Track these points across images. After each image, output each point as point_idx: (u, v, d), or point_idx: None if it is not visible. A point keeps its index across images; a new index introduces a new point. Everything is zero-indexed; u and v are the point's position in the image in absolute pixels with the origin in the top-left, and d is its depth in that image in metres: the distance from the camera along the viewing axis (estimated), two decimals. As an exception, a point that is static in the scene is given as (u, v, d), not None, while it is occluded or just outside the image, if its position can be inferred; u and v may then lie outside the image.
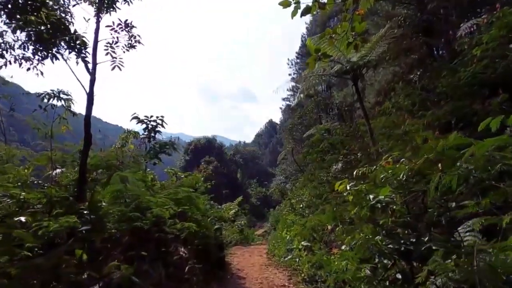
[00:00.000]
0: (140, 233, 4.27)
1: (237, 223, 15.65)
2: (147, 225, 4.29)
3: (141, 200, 4.52)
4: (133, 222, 4.18)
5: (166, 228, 4.65)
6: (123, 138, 9.65)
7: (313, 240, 6.02)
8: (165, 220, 4.67)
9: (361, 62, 11.73)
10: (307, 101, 26.01)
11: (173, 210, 4.84)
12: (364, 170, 3.75)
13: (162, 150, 6.92)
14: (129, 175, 4.79)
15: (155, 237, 4.41)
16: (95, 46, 6.40)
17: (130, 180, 4.66)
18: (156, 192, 5.55)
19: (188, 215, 5.58)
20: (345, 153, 13.62)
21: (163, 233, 4.54)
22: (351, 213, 3.78)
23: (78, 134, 6.55)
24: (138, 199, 4.52)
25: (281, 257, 7.20)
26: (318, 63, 13.20)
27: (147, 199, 4.60)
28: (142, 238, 4.29)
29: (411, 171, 3.01)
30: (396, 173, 3.21)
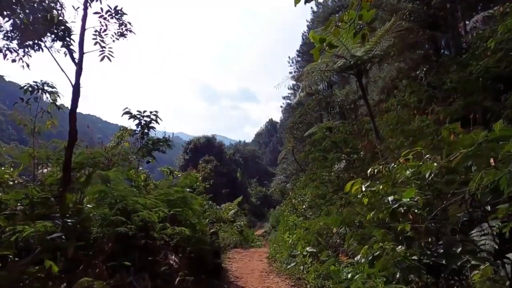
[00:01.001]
0: (124, 240, 3.78)
1: (236, 224, 15.16)
2: (132, 230, 3.81)
3: (126, 202, 4.03)
4: (116, 227, 3.69)
5: (155, 233, 4.17)
6: (118, 136, 9.17)
7: (318, 245, 5.54)
8: (153, 225, 4.18)
9: (365, 57, 11.23)
10: (308, 100, 25.55)
11: (163, 213, 4.35)
12: (379, 168, 3.26)
13: (156, 147, 6.43)
14: (112, 174, 4.30)
15: (141, 244, 3.92)
16: (82, 34, 5.91)
17: (114, 180, 4.16)
18: (148, 193, 5.06)
19: (182, 218, 5.09)
20: (348, 152, 13.15)
21: (150, 239, 4.05)
22: (367, 217, 3.30)
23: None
24: (123, 201, 4.03)
25: (283, 263, 6.70)
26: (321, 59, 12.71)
27: (134, 200, 4.11)
28: (127, 245, 3.81)
29: (442, 169, 2.52)
30: (421, 172, 2.72)
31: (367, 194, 3.06)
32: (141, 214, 3.98)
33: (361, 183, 3.19)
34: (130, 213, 4.04)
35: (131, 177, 5.18)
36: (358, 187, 3.09)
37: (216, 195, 29.78)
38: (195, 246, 4.69)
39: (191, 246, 4.64)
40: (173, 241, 4.35)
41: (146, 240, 3.96)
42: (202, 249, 4.82)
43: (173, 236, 4.39)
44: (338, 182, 11.50)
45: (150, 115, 7.16)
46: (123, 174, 4.90)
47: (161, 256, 4.10)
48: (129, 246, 3.84)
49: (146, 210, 4.03)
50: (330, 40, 5.54)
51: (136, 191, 4.97)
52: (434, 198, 2.84)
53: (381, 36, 11.11)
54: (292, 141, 26.89)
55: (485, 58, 8.83)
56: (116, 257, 3.64)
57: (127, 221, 3.83)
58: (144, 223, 4.09)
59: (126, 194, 4.16)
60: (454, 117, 7.30)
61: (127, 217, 3.92)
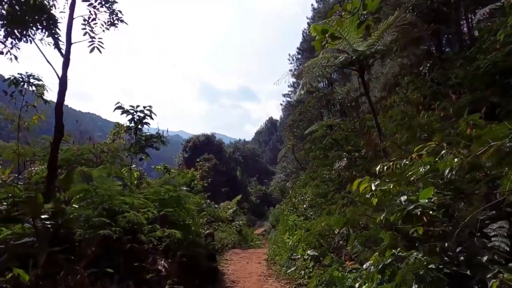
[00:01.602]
0: (108, 243, 3.46)
1: (235, 223, 14.83)
2: (116, 233, 3.48)
3: (111, 201, 3.70)
4: (99, 230, 3.37)
5: (142, 236, 3.84)
6: (114, 133, 8.85)
7: (319, 247, 5.20)
8: (141, 227, 3.85)
9: (368, 52, 10.88)
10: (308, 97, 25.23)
11: (152, 214, 4.03)
12: (389, 165, 2.93)
13: (149, 144, 6.10)
14: (96, 172, 3.97)
15: (127, 248, 3.60)
16: (70, 23, 5.57)
17: (98, 178, 3.84)
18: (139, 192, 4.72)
19: (174, 219, 4.76)
20: (350, 150, 12.84)
21: (137, 242, 3.73)
22: (377, 219, 2.97)
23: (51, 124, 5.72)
24: (108, 201, 3.70)
25: (283, 266, 6.36)
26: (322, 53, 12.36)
27: (121, 200, 3.78)
28: (111, 250, 3.48)
29: (464, 165, 2.19)
30: (437, 169, 2.39)
31: (376, 194, 2.73)
32: (127, 215, 3.66)
33: (369, 182, 2.86)
34: (116, 214, 3.72)
35: (120, 175, 4.85)
36: (366, 186, 2.77)
37: (215, 194, 29.53)
38: (188, 249, 4.36)
39: (184, 249, 4.31)
40: (162, 244, 4.02)
41: (132, 244, 3.63)
42: (196, 252, 4.50)
43: (163, 239, 4.07)
44: (339, 180, 11.20)
45: (144, 110, 6.83)
46: (111, 171, 4.57)
47: (149, 261, 3.78)
48: (114, 251, 3.52)
49: (133, 211, 3.71)
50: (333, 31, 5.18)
51: (126, 190, 4.64)
52: (453, 199, 2.51)
53: (384, 30, 10.75)
54: (292, 139, 26.58)
55: (493, 52, 8.51)
56: (99, 263, 3.32)
57: (111, 222, 3.51)
58: (131, 225, 3.77)
59: (112, 193, 3.84)
60: (462, 113, 6.96)
61: (112, 218, 3.60)
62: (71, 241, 3.64)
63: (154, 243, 3.94)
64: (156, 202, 4.70)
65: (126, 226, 3.73)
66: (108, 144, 5.95)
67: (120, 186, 4.39)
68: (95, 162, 5.26)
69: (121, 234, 3.56)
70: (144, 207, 4.02)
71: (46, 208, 3.47)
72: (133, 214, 3.68)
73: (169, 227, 4.21)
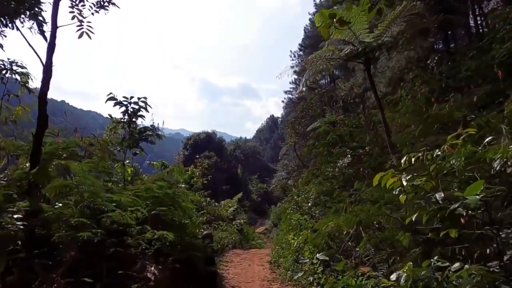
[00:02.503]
0: (90, 247, 3.02)
1: (236, 222, 14.40)
2: (98, 235, 3.04)
3: (94, 199, 3.26)
4: (78, 232, 2.93)
5: (129, 239, 3.39)
6: (111, 129, 8.40)
7: (328, 249, 4.75)
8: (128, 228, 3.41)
9: (375, 44, 10.39)
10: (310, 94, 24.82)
11: (141, 213, 3.58)
12: (419, 156, 2.47)
13: (142, 137, 5.65)
14: (76, 165, 3.52)
15: (111, 252, 3.15)
16: (55, 5, 5.11)
17: (78, 172, 3.39)
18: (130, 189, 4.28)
19: (168, 218, 4.31)
20: (355, 146, 12.39)
21: (123, 246, 3.28)
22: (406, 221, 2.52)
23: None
24: (91, 198, 3.26)
25: (288, 269, 5.89)
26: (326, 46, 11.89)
27: (108, 197, 3.34)
28: (93, 254, 3.04)
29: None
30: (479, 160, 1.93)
31: (407, 190, 2.28)
32: (112, 215, 3.22)
33: (392, 174, 2.41)
34: (101, 214, 3.28)
35: (109, 170, 4.40)
36: (395, 181, 2.31)
37: (216, 192, 29.13)
38: (183, 252, 3.91)
39: (178, 253, 3.85)
40: (150, 249, 3.55)
41: (116, 248, 3.19)
42: (192, 256, 4.04)
43: (153, 242, 3.62)
44: (344, 178, 10.77)
45: (138, 102, 6.38)
46: (98, 166, 4.13)
47: (136, 268, 3.33)
48: (96, 256, 3.08)
49: (118, 211, 3.26)
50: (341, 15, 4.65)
51: (115, 187, 4.20)
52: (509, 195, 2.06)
53: (392, 21, 10.25)
54: (294, 137, 26.11)
55: (508, 41, 8.04)
56: (79, 269, 2.89)
57: (92, 224, 3.08)
58: (116, 226, 3.33)
59: (96, 190, 3.39)
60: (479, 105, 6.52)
61: (95, 218, 3.17)
62: (50, 244, 3.20)
63: (143, 246, 3.49)
64: (148, 200, 4.26)
65: (111, 228, 3.29)
66: (97, 137, 5.49)
67: (107, 182, 3.96)
68: (82, 156, 4.82)
69: (104, 236, 3.11)
70: (133, 206, 3.58)
71: (20, 206, 3.04)
72: (119, 213, 3.24)
73: (162, 228, 3.77)
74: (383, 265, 4.42)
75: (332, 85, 29.89)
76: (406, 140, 7.81)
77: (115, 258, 3.15)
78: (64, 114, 6.64)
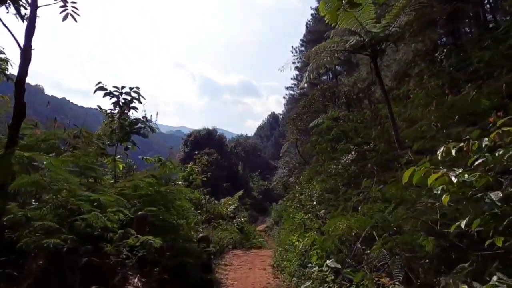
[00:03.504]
0: (60, 256, 2.55)
1: (236, 221, 13.95)
2: (68, 242, 2.57)
3: (67, 199, 2.79)
4: (45, 238, 2.46)
5: (108, 245, 2.92)
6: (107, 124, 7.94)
7: (337, 254, 4.25)
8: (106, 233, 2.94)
9: (382, 34, 9.87)
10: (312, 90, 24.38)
11: (123, 215, 3.11)
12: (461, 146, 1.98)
13: (134, 130, 5.18)
14: (45, 158, 3.04)
15: (84, 262, 2.69)
16: (35, -17, 4.63)
17: (47, 166, 2.92)
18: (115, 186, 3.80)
19: (158, 220, 3.84)
20: (360, 142, 11.91)
21: (100, 254, 2.82)
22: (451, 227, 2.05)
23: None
24: (65, 197, 2.79)
25: (293, 275, 5.39)
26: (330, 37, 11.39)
27: (85, 196, 2.87)
28: (64, 264, 2.58)
29: None
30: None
31: (450, 188, 1.82)
32: (88, 217, 2.75)
33: (426, 167, 1.93)
34: (73, 216, 2.81)
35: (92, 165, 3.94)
36: (439, 177, 1.83)
37: (216, 189, 28.76)
38: (173, 259, 3.45)
39: (167, 260, 3.38)
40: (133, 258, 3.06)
41: (90, 257, 2.72)
42: (185, 263, 3.59)
43: (138, 249, 3.14)
44: (349, 175, 10.31)
45: (131, 92, 5.91)
46: (79, 160, 3.65)
47: (116, 280, 2.87)
48: (68, 265, 2.63)
49: (95, 212, 2.80)
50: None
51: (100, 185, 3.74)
52: None
53: (400, 9, 9.72)
54: (295, 133, 25.64)
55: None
56: (49, 281, 2.43)
57: (61, 228, 2.62)
58: (93, 230, 2.86)
59: (71, 188, 2.93)
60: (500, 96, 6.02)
61: (67, 221, 2.70)
62: (19, 251, 2.74)
63: (124, 254, 3.01)
64: (136, 199, 3.81)
65: (85, 232, 2.83)
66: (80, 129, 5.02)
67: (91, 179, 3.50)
68: (65, 150, 4.35)
69: (75, 243, 2.65)
70: (115, 206, 3.11)
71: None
72: (94, 215, 2.77)
73: (150, 231, 3.31)
74: (400, 272, 3.97)
75: (335, 81, 29.46)
76: (418, 135, 7.34)
77: (91, 269, 2.69)
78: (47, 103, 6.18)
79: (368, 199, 6.34)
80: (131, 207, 3.66)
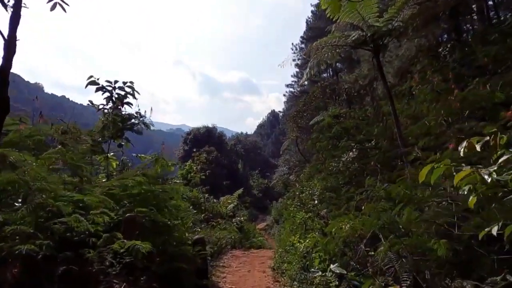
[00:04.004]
0: (36, 263, 2.32)
1: (236, 220, 13.72)
2: (43, 249, 2.33)
3: (45, 200, 2.54)
4: (20, 244, 2.23)
5: (91, 251, 2.68)
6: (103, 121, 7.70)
7: (341, 257, 4.00)
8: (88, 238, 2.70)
9: (385, 29, 9.62)
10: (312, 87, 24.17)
11: (109, 218, 2.87)
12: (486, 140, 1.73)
13: (126, 126, 4.94)
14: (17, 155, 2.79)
15: (62, 271, 2.45)
16: (21, -30, 4.37)
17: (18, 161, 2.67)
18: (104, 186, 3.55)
19: (150, 221, 3.60)
20: (362, 139, 11.67)
21: (81, 262, 2.58)
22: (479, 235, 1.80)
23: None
24: (44, 198, 2.55)
25: (294, 279, 5.13)
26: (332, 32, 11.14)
27: (67, 197, 2.63)
28: (40, 273, 2.35)
29: None
30: None
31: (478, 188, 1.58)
32: (68, 220, 2.51)
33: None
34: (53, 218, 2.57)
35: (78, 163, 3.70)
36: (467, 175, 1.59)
37: (216, 187, 28.55)
38: (164, 265, 3.20)
39: (157, 266, 3.13)
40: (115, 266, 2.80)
41: (69, 266, 2.48)
42: (178, 269, 3.33)
43: (124, 255, 2.89)
44: (350, 173, 10.09)
45: (124, 87, 5.66)
46: (65, 158, 3.41)
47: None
48: (45, 274, 2.39)
49: (76, 215, 2.56)
50: None
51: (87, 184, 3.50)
52: None
53: (403, 4, 9.45)
54: (296, 131, 25.44)
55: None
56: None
57: (36, 233, 2.38)
58: (73, 235, 2.62)
59: (51, 188, 2.68)
60: (510, 90, 5.78)
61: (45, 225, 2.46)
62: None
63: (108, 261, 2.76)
64: (126, 199, 3.57)
65: (65, 237, 2.58)
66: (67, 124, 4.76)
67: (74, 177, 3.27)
68: (54, 146, 4.11)
69: (51, 250, 2.40)
70: (102, 207, 2.87)
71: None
72: (75, 218, 2.53)
73: (140, 234, 3.07)
74: (408, 276, 3.75)
75: (335, 78, 29.23)
76: (422, 131, 7.11)
77: (70, 277, 2.45)
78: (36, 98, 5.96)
79: (371, 198, 6.11)
80: (120, 208, 3.42)
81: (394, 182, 6.36)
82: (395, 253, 3.94)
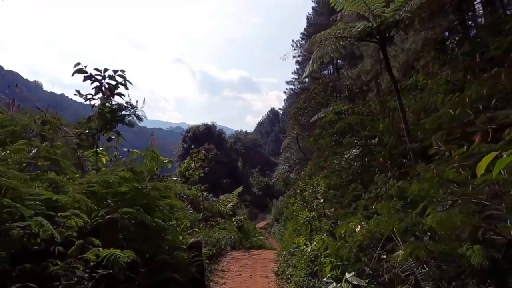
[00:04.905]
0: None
1: (235, 219, 13.29)
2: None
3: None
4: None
5: (57, 263, 2.23)
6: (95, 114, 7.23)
7: (355, 263, 3.55)
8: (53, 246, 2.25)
9: (392, 19, 9.16)
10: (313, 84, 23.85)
11: (81, 221, 2.42)
12: None
13: (116, 118, 4.48)
14: None
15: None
16: None
17: None
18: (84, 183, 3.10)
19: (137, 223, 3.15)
20: (366, 135, 11.24)
21: (44, 276, 2.13)
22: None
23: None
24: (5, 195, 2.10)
25: (301, 286, 4.68)
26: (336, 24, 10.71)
27: (34, 195, 2.18)
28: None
29: None
30: None
31: None
32: (29, 225, 2.06)
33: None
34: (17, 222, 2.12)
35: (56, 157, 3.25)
36: None
37: (216, 185, 28.15)
38: (155, 276, 2.74)
39: (144, 277, 2.68)
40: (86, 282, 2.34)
41: (24, 284, 2.02)
42: (168, 280, 2.87)
43: (102, 265, 2.43)
44: (354, 170, 9.67)
45: (115, 76, 5.20)
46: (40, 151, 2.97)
47: (68, 310, 2.19)
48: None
49: (38, 218, 2.11)
50: None
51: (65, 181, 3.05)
52: None
53: (411, -7, 8.99)
54: (296, 128, 25.06)
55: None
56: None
57: None
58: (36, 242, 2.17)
59: (13, 185, 2.23)
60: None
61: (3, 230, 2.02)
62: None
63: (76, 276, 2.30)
64: (111, 198, 3.13)
65: (26, 245, 2.14)
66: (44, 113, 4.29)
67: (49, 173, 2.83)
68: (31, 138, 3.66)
69: (2, 264, 1.96)
70: (75, 207, 2.42)
71: None
72: (36, 222, 2.08)
73: (125, 239, 2.63)
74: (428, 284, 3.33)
75: (336, 75, 28.82)
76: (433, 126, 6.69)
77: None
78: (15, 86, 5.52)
79: (381, 196, 5.68)
80: (102, 208, 2.98)
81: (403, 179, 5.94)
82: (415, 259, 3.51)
